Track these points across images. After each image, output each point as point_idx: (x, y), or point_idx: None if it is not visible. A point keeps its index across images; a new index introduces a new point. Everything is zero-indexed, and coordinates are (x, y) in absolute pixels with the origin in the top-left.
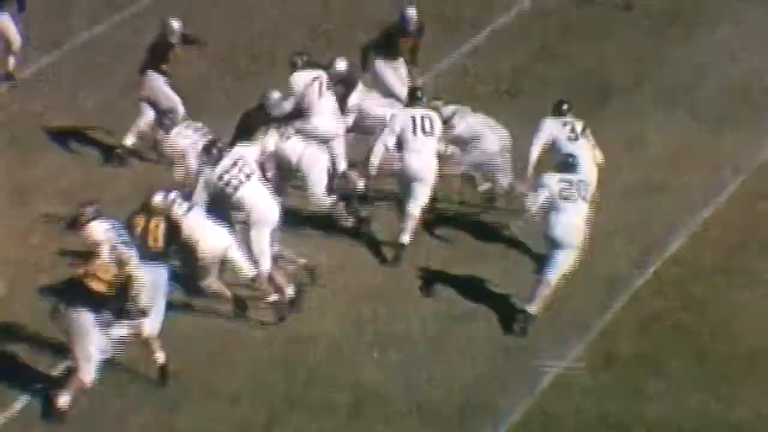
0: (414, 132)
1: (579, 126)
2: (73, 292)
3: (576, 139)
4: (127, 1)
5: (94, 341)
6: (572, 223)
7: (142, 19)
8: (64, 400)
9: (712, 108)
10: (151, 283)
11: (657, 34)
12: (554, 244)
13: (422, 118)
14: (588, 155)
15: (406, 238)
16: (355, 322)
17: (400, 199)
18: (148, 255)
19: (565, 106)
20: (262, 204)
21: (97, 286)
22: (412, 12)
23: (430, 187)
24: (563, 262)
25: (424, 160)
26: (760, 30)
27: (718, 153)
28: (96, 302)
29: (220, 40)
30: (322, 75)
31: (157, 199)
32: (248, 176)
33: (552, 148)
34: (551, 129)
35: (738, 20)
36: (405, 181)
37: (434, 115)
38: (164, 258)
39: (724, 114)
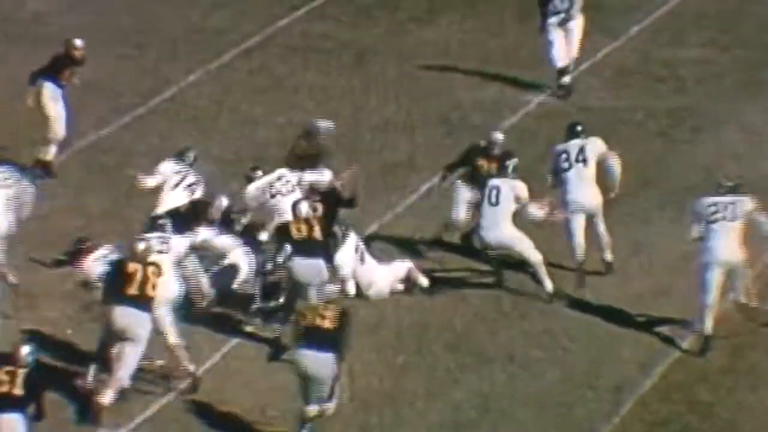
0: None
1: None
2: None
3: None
4: (132, 106)
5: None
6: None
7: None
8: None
9: None
10: None
11: (662, 137)
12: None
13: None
14: None
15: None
16: (362, 429)
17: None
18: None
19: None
20: None
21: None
22: (498, 135)
23: None
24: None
25: None
26: (765, 132)
27: None
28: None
29: (226, 146)
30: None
31: (141, 245)
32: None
33: None
34: None
35: (742, 122)
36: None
37: None
38: None
39: None
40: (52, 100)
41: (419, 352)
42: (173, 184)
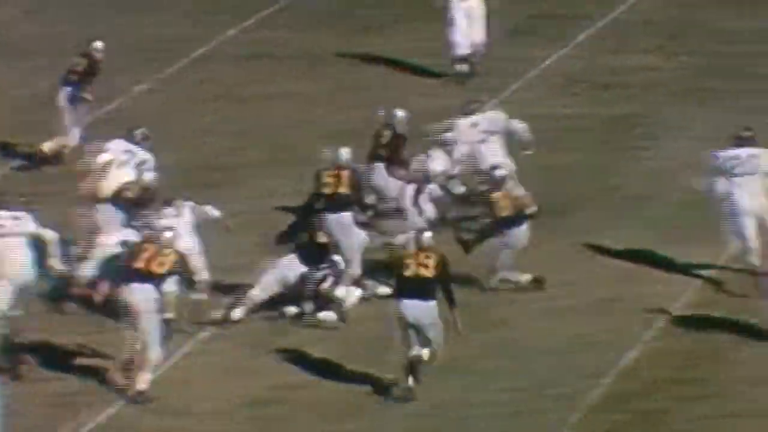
0: None
1: None
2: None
3: None
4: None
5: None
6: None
7: None
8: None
9: (666, 220)
10: None
11: (609, 145)
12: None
13: None
14: None
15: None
16: None
17: None
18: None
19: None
20: None
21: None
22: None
23: None
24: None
25: None
26: (711, 139)
27: (674, 264)
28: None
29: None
30: None
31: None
32: None
33: None
34: None
35: (689, 130)
36: None
37: None
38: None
39: (678, 226)
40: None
41: (376, 362)
42: (120, 163)
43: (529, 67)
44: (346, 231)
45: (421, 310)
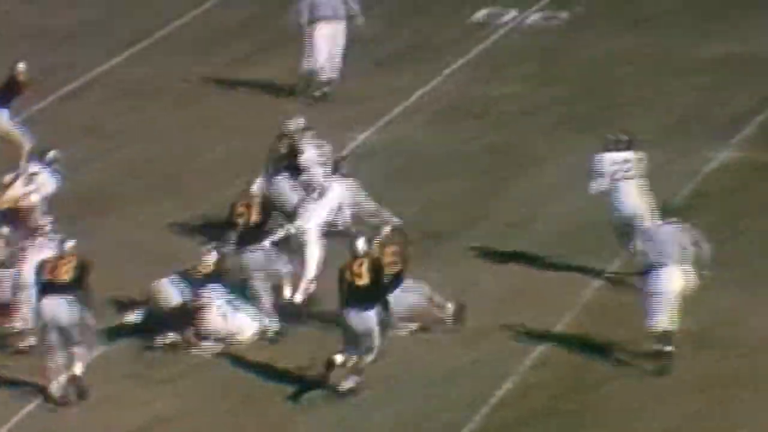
0: None
1: None
2: None
3: None
4: None
5: None
6: None
7: None
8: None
9: (542, 247)
10: None
11: (484, 174)
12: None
13: None
14: None
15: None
16: None
17: None
18: None
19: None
20: None
21: None
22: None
23: None
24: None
25: None
26: (584, 168)
27: (551, 291)
28: None
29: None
30: None
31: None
32: None
33: None
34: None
35: (562, 158)
36: None
37: None
38: None
39: (553, 253)
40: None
41: (250, 396)
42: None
43: (404, 97)
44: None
45: (359, 319)
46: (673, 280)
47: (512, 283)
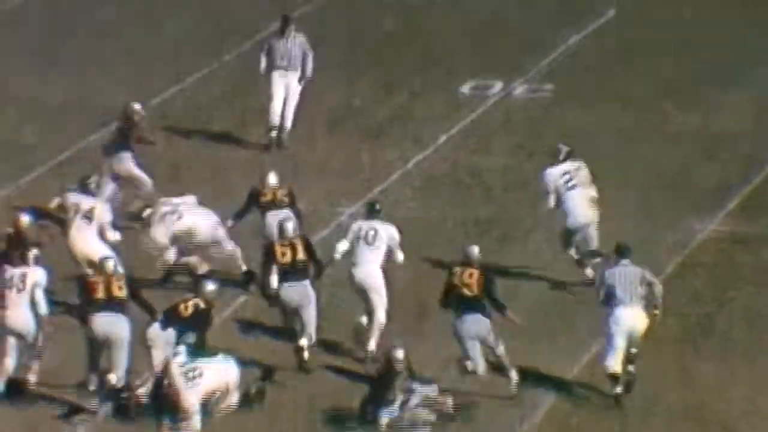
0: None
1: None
2: None
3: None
4: None
5: None
6: None
7: None
8: None
9: (530, 317)
10: None
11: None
12: None
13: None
14: None
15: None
16: None
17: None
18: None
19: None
20: None
21: None
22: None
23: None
24: None
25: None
26: None
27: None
28: None
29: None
30: None
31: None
32: None
33: None
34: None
35: (548, 229)
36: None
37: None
38: None
39: (540, 323)
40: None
41: None
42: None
43: (391, 169)
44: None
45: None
46: (627, 320)
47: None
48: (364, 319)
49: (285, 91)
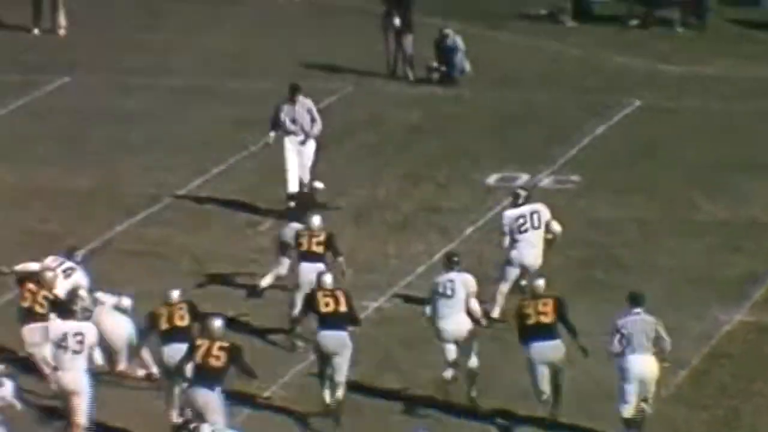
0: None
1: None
2: None
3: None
4: None
5: None
6: None
7: None
8: None
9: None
10: None
11: (495, 341)
12: None
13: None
14: None
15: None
16: None
17: None
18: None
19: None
20: None
21: None
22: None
23: None
24: None
25: None
26: (594, 333)
27: None
28: None
29: None
30: None
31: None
32: None
33: None
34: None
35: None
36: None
37: None
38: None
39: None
40: None
41: None
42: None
43: (418, 263)
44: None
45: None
46: (639, 368)
47: None
48: (449, 373)
49: (299, 157)
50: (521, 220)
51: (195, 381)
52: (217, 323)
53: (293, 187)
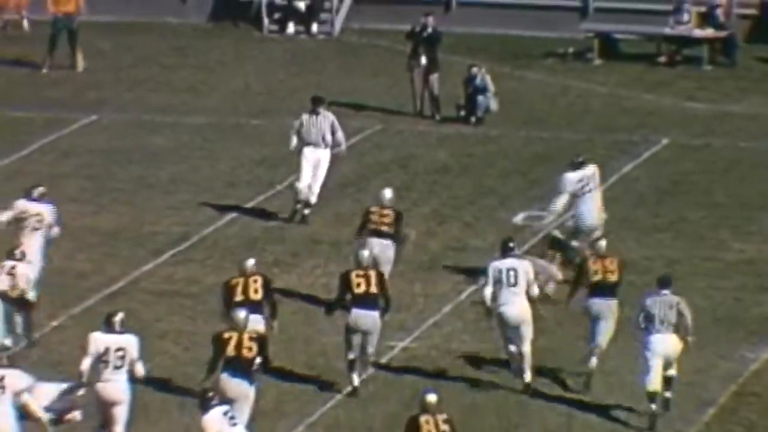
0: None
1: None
2: None
3: None
4: None
5: None
6: None
7: None
8: None
9: None
10: None
11: (522, 379)
12: None
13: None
14: None
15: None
16: None
17: None
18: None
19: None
20: None
21: None
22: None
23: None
24: None
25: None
26: (620, 372)
27: None
28: None
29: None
30: None
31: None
32: None
33: None
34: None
35: (601, 365)
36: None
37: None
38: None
39: None
40: None
41: None
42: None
43: (444, 301)
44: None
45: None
46: (661, 346)
47: None
48: (512, 348)
49: (314, 167)
50: (584, 181)
51: (229, 371)
52: (243, 314)
53: (303, 194)
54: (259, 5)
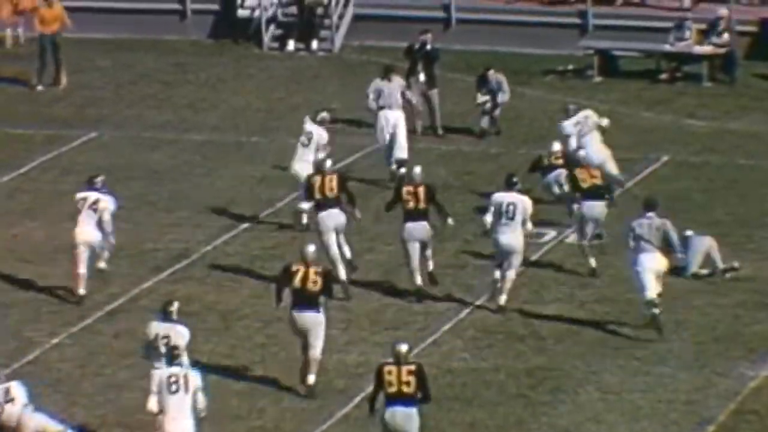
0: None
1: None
2: None
3: None
4: None
5: None
6: None
7: None
8: None
9: None
10: None
11: (522, 398)
12: None
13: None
14: None
15: (503, 299)
16: None
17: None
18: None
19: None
20: None
21: None
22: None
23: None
24: None
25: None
26: (623, 391)
27: None
28: None
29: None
30: None
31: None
32: None
33: None
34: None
35: (600, 382)
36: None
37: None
38: None
39: None
40: None
41: None
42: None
43: (444, 319)
44: None
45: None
46: (649, 263)
47: None
48: (497, 273)
49: (392, 127)
50: (581, 124)
51: (298, 305)
52: (311, 248)
53: (388, 153)
54: (259, 22)
